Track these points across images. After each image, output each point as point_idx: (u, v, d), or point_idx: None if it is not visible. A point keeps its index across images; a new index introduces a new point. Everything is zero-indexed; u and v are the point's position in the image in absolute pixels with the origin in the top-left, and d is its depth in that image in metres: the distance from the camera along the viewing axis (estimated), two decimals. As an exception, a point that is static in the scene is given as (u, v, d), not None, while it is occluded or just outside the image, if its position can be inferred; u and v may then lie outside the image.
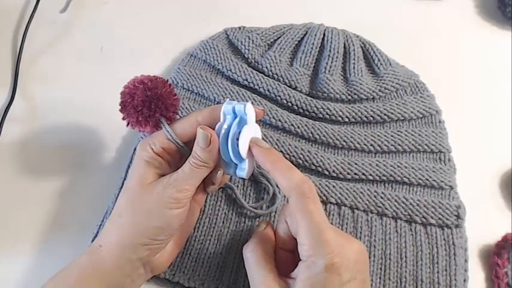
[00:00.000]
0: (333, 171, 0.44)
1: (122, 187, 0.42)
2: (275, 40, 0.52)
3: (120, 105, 0.36)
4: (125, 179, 0.43)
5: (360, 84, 0.48)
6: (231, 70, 0.49)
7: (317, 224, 0.31)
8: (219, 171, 0.37)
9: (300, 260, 0.32)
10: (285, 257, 0.35)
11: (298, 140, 0.47)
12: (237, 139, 0.34)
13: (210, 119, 0.36)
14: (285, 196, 0.43)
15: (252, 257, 0.34)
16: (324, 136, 0.46)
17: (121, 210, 0.35)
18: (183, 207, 0.35)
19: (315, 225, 0.31)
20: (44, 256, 0.42)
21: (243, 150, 0.34)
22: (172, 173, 0.35)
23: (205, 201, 0.42)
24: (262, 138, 0.37)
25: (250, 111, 0.35)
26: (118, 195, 0.41)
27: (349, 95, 0.48)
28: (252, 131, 0.35)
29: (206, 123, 0.36)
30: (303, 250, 0.31)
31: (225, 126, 0.34)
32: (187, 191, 0.35)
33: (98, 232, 0.40)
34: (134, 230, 0.34)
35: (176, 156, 0.37)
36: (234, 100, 0.47)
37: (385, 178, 0.44)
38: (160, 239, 0.35)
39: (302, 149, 0.45)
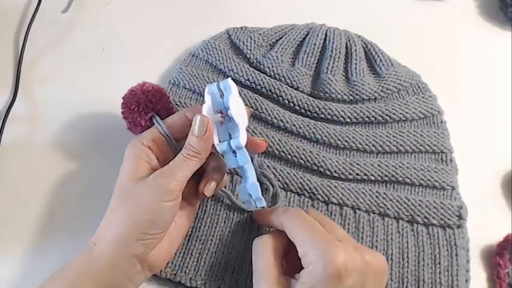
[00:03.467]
0: (335, 171, 0.44)
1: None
2: (277, 40, 0.52)
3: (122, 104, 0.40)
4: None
5: (362, 84, 0.48)
6: (232, 70, 0.49)
7: (312, 232, 0.33)
8: (212, 183, 0.38)
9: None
10: (294, 259, 0.34)
11: (300, 140, 0.47)
12: (227, 113, 0.36)
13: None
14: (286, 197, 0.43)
15: (262, 249, 0.34)
16: (325, 136, 0.46)
17: (113, 207, 0.36)
18: (174, 199, 0.35)
19: (316, 242, 0.32)
20: (44, 256, 0.42)
21: (238, 116, 0.35)
22: (164, 166, 0.35)
23: (207, 201, 0.43)
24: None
25: (232, 84, 0.36)
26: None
27: (351, 95, 0.48)
28: (238, 100, 0.36)
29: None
30: (304, 259, 0.32)
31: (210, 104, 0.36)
32: (178, 182, 0.34)
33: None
34: (126, 224, 0.34)
35: (166, 152, 0.38)
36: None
37: (387, 178, 0.44)
38: (153, 233, 0.34)
39: (304, 149, 0.45)
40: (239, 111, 0.36)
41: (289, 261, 0.35)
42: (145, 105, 0.38)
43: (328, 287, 0.30)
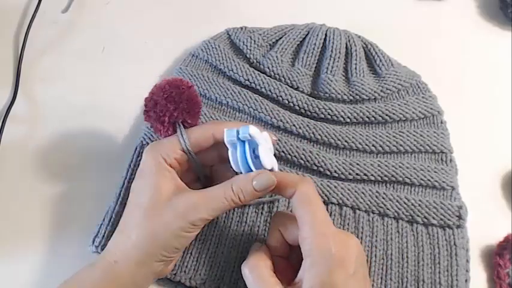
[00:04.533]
0: (335, 171, 0.44)
1: (123, 186, 0.42)
2: (277, 40, 0.52)
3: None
4: (126, 178, 0.43)
5: (362, 84, 0.48)
6: (232, 70, 0.49)
7: (321, 218, 0.32)
8: None
9: (303, 260, 0.32)
10: (279, 265, 0.35)
11: (300, 141, 0.47)
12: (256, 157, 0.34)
13: None
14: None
15: (255, 273, 0.33)
16: (325, 136, 0.46)
17: (136, 224, 0.34)
18: (199, 228, 0.35)
19: (318, 219, 0.32)
20: (45, 256, 0.42)
21: (269, 164, 0.34)
22: (198, 195, 0.34)
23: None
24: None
25: (254, 131, 0.34)
26: (119, 194, 0.42)
27: (350, 95, 0.48)
28: (266, 147, 0.34)
29: (222, 139, 0.35)
30: (306, 244, 0.32)
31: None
32: (208, 218, 0.34)
33: (98, 231, 0.40)
34: (151, 246, 0.34)
35: (185, 166, 0.37)
36: (234, 101, 0.48)
37: (386, 178, 0.44)
38: (174, 255, 0.35)
39: (304, 150, 0.45)
40: (270, 159, 0.34)
41: (279, 272, 0.34)
42: (181, 112, 0.36)
43: (335, 275, 0.30)
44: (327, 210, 0.42)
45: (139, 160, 0.44)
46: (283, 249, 0.35)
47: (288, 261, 0.35)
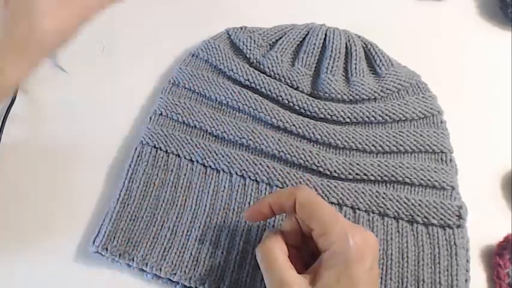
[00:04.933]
0: (334, 171, 0.44)
1: (123, 186, 0.42)
2: (277, 40, 0.52)
3: None
4: (126, 178, 0.43)
5: (362, 84, 0.48)
6: (232, 70, 0.49)
7: (330, 214, 0.33)
8: None
9: (315, 253, 0.33)
10: (290, 254, 0.35)
11: (300, 140, 0.47)
12: None
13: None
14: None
15: (270, 256, 0.33)
16: (325, 136, 0.46)
17: None
18: None
19: (327, 215, 0.32)
20: (45, 256, 0.42)
21: None
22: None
23: (204, 200, 0.43)
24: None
25: None
26: (119, 194, 0.42)
27: (350, 95, 0.48)
28: None
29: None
30: (323, 239, 0.32)
31: None
32: None
33: (98, 232, 0.40)
34: None
35: None
36: (234, 101, 0.48)
37: (386, 178, 0.44)
38: None
39: (303, 149, 0.45)
40: None
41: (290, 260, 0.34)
42: None
43: (354, 268, 0.30)
44: (327, 210, 0.42)
45: (140, 160, 0.44)
46: (296, 237, 0.35)
47: (299, 253, 0.35)
